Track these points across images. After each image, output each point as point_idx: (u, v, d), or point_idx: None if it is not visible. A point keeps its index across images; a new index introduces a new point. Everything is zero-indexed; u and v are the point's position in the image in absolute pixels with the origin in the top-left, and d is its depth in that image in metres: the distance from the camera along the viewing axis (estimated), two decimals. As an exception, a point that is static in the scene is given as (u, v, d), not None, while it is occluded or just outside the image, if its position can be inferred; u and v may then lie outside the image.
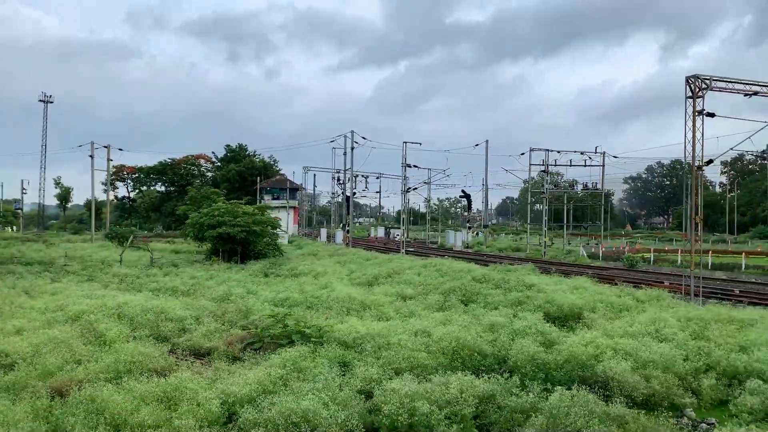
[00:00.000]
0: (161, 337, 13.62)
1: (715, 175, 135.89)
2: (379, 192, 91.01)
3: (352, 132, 51.80)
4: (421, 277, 24.62)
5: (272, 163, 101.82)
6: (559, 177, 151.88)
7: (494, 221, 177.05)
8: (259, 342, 12.73)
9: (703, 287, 26.70)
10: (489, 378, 9.88)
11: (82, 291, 19.26)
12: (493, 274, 25.26)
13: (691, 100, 20.63)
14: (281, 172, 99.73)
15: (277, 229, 39.30)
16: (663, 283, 27.54)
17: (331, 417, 7.67)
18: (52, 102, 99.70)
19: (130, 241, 40.79)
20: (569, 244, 56.14)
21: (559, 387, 9.48)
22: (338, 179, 71.41)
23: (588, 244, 61.54)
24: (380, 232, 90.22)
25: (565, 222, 59.69)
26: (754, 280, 31.33)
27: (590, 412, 8.32)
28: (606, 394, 10.08)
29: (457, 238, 59.66)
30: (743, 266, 37.02)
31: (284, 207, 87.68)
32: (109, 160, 58.47)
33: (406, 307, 17.67)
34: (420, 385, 8.89)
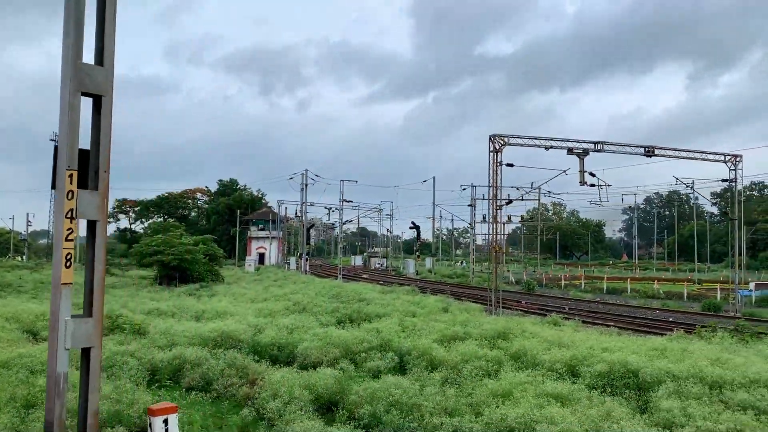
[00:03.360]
0: (32, 331, 18.91)
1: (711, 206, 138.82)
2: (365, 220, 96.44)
3: (306, 170, 57.93)
4: (302, 295, 29.71)
5: (260, 196, 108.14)
6: (561, 208, 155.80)
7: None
8: (94, 333, 17.96)
9: (539, 304, 31.51)
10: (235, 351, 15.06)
11: (6, 303, 24.71)
12: (369, 295, 30.35)
13: (493, 154, 25.75)
14: (268, 204, 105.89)
15: (246, 258, 44.23)
16: (520, 302, 32.31)
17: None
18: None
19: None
20: (508, 272, 60.81)
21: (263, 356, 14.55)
22: (296, 212, 76.89)
23: (535, 271, 66.23)
24: (358, 260, 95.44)
25: (537, 251, 64.14)
26: (615, 302, 35.89)
27: (237, 366, 13.42)
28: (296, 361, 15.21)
29: (410, 266, 64.71)
30: (628, 290, 41.64)
31: (267, 237, 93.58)
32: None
33: (248, 315, 22.75)
34: (136, 348, 14.12)
